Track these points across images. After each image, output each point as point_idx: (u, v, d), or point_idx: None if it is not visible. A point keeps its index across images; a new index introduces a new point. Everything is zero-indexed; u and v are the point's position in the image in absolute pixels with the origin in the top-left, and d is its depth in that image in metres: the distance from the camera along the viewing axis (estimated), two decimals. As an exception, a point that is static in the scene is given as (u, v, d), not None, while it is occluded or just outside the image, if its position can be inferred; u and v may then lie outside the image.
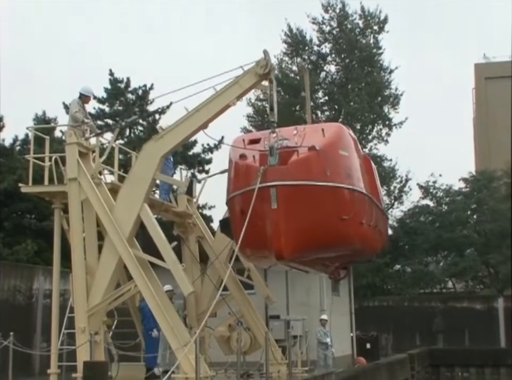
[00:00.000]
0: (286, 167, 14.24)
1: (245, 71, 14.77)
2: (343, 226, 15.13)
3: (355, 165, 16.45)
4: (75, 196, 15.56)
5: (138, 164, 15.29)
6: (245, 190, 14.51)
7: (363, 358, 29.50)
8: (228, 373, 17.78)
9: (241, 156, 15.14)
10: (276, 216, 13.90)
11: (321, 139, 15.29)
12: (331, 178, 14.68)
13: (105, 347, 16.45)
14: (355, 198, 15.77)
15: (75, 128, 16.01)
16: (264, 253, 15.32)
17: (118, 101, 45.64)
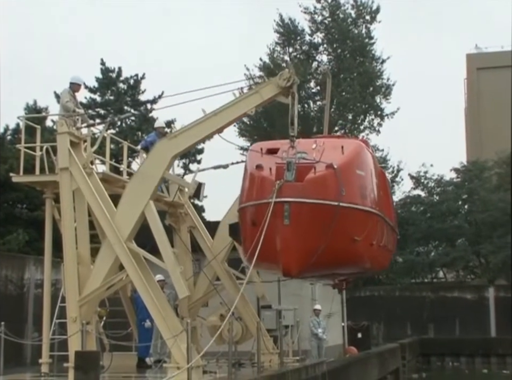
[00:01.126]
0: (301, 184, 14.13)
1: (267, 81, 14.71)
2: (353, 247, 15.12)
3: (371, 184, 16.39)
4: (67, 185, 15.51)
5: (149, 161, 15.17)
6: (258, 203, 14.40)
7: (354, 348, 29.59)
8: (220, 363, 17.82)
9: (258, 167, 15.06)
10: (288, 233, 13.82)
11: (339, 157, 15.15)
12: (345, 198, 14.56)
13: (97, 337, 16.45)
14: (367, 219, 15.74)
15: (66, 117, 15.95)
16: (272, 267, 15.33)
17: (110, 91, 45.56)
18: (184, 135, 14.91)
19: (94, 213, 15.51)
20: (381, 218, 16.93)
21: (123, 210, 15.04)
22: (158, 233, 14.93)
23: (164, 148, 14.92)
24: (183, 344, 13.56)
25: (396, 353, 38.00)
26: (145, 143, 19.91)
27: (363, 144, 17.45)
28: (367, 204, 15.77)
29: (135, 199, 14.92)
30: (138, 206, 14.88)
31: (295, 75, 14.47)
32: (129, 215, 14.92)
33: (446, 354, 47.62)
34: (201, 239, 19.51)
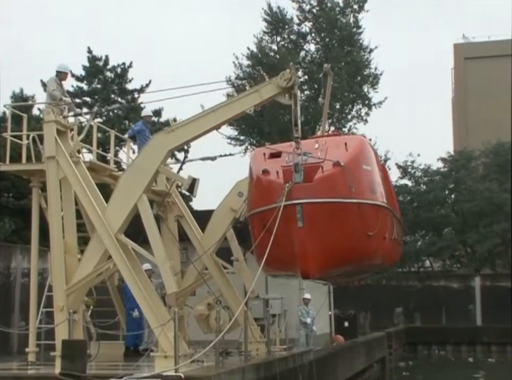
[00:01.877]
0: (311, 185, 14.09)
1: (268, 81, 14.61)
2: (368, 242, 15.14)
3: (377, 178, 16.42)
4: (53, 174, 15.46)
5: (144, 154, 15.07)
6: (269, 207, 14.29)
7: (341, 336, 29.68)
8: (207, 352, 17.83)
9: (264, 172, 15.01)
10: (302, 235, 13.78)
11: (344, 154, 15.13)
12: (355, 194, 14.59)
13: (84, 326, 16.43)
14: (379, 214, 15.79)
15: (53, 106, 15.88)
16: (289, 271, 15.36)
17: (97, 79, 45.32)
18: (181, 129, 14.82)
19: (81, 202, 15.46)
20: (390, 211, 17.02)
21: (116, 202, 14.95)
22: (150, 227, 14.87)
23: (161, 142, 14.81)
24: (170, 332, 13.56)
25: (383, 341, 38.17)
26: (132, 131, 19.85)
27: (365, 139, 17.48)
28: (377, 198, 15.81)
29: (128, 191, 14.83)
30: (131, 198, 14.79)
31: (296, 76, 14.37)
32: (122, 207, 14.83)
33: (433, 342, 47.92)
34: (188, 228, 19.50)
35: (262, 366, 16.08)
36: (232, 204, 19.38)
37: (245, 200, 19.21)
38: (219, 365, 14.52)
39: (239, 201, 19.30)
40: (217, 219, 19.47)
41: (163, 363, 13.54)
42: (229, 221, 19.56)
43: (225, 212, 19.45)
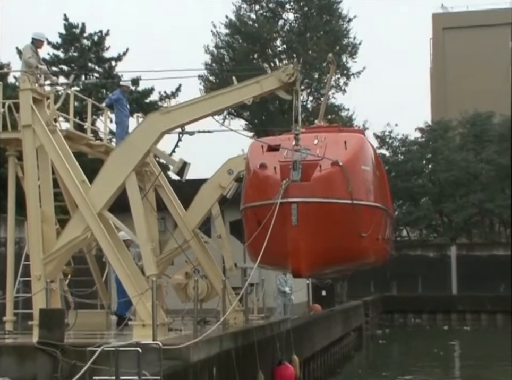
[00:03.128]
0: (308, 184, 14.04)
1: (270, 73, 14.45)
2: (361, 243, 15.19)
3: (375, 178, 16.38)
4: (30, 143, 15.30)
5: (137, 132, 14.87)
6: (265, 203, 14.25)
7: (318, 305, 29.91)
8: (185, 320, 17.90)
9: (262, 166, 14.96)
10: (296, 234, 13.79)
11: (343, 153, 15.05)
12: (352, 195, 14.54)
13: (62, 295, 16.40)
14: (373, 215, 15.79)
15: (28, 74, 15.68)
16: (280, 267, 15.49)
17: (73, 47, 44.76)
18: (178, 112, 14.60)
19: (58, 171, 15.34)
20: (384, 212, 17.08)
21: (104, 177, 14.77)
22: (135, 206, 14.74)
23: (156, 122, 14.60)
24: (148, 302, 13.57)
25: (359, 310, 38.56)
26: (109, 100, 19.68)
27: (363, 136, 17.38)
28: (372, 199, 15.80)
29: (118, 168, 14.60)
30: (120, 175, 14.59)
31: (298, 72, 14.22)
32: (110, 183, 14.60)
33: (409, 311, 48.49)
34: (166, 197, 19.42)
35: (240, 335, 16.18)
36: (221, 180, 19.39)
37: (234, 178, 19.33)
38: (197, 334, 14.58)
39: (228, 178, 19.36)
40: (204, 194, 19.46)
41: (141, 332, 13.55)
42: (216, 197, 19.59)
43: (214, 188, 19.45)
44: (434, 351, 32.76)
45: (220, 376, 13.94)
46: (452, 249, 51.94)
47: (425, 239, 59.79)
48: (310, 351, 23.85)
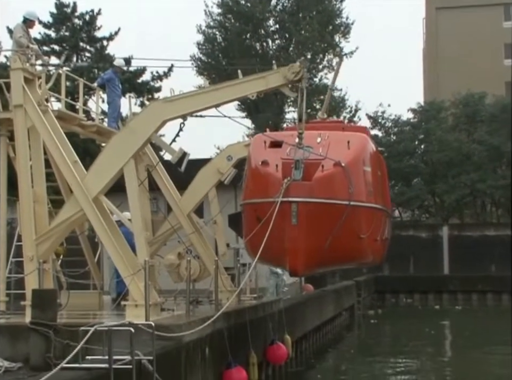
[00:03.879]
0: (309, 184, 14.03)
1: (276, 69, 14.37)
2: (359, 244, 15.29)
3: (376, 178, 16.41)
4: (21, 123, 15.24)
5: (139, 119, 14.78)
6: (265, 201, 14.26)
7: (310, 285, 30.00)
8: (177, 300, 17.95)
9: (263, 163, 14.96)
10: (295, 233, 13.82)
11: (346, 153, 15.04)
12: (353, 196, 14.54)
13: (54, 275, 16.41)
14: (373, 216, 15.87)
15: (20, 53, 15.58)
16: (276, 264, 15.72)
17: (65, 26, 44.52)
18: (181, 101, 14.51)
19: (50, 151, 15.29)
20: (384, 212, 17.17)
21: (103, 162, 14.65)
22: (132, 194, 14.67)
23: (158, 110, 14.51)
24: (141, 282, 13.60)
25: (351, 290, 38.71)
26: (101, 80, 19.61)
27: (366, 135, 17.29)
28: (373, 200, 15.84)
29: (117, 153, 14.50)
30: (118, 161, 14.50)
31: (305, 70, 14.16)
32: (108, 168, 14.51)
33: (401, 291, 48.69)
34: (158, 177, 19.41)
35: (232, 315, 16.24)
36: (220, 166, 19.49)
37: (232, 165, 19.38)
38: (190, 314, 14.62)
39: (227, 164, 19.47)
40: (202, 178, 19.53)
41: (134, 312, 13.59)
42: (214, 182, 19.68)
43: (212, 173, 19.54)
44: (426, 330, 32.95)
45: (213, 355, 14.00)
46: (444, 229, 52.08)
47: (417, 219, 59.91)
48: (303, 331, 23.97)
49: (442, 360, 25.78)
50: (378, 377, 22.34)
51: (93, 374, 9.26)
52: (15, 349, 12.23)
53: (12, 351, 12.19)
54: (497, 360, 24.46)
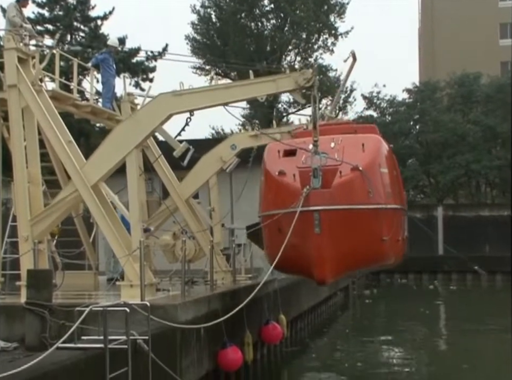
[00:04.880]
0: (329, 191, 13.93)
1: (287, 74, 14.30)
2: (383, 246, 15.26)
3: (392, 178, 16.37)
4: (15, 103, 15.16)
5: (146, 110, 14.74)
6: (286, 211, 14.14)
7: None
8: (173, 281, 17.98)
9: (280, 173, 14.89)
10: (319, 242, 13.74)
11: (361, 156, 14.96)
12: (373, 200, 14.54)
13: (49, 256, 16.41)
14: (394, 217, 15.87)
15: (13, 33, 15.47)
16: (301, 274, 15.60)
17: (58, 6, 44.21)
18: (189, 96, 14.43)
19: (44, 131, 15.25)
20: (403, 212, 17.23)
21: (105, 150, 14.56)
22: (132, 184, 14.61)
23: (166, 103, 14.41)
24: (136, 262, 13.61)
25: (346, 270, 38.72)
26: (96, 60, 19.51)
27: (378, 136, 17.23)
28: (392, 201, 15.83)
29: (121, 143, 14.44)
30: (121, 150, 14.44)
31: (316, 78, 14.08)
32: (110, 156, 14.45)
33: (395, 271, 48.78)
34: (153, 158, 19.40)
35: (227, 295, 16.27)
36: (223, 154, 19.57)
37: (236, 154, 19.40)
38: (185, 294, 14.65)
39: (230, 153, 19.57)
40: (204, 165, 19.55)
41: (129, 292, 13.62)
42: (215, 169, 19.76)
43: (214, 160, 19.60)
44: (420, 310, 33.10)
45: (208, 335, 14.04)
46: (438, 209, 52.18)
47: (412, 199, 59.99)
48: (297, 311, 24.05)
49: (436, 339, 25.91)
50: (373, 356, 22.45)
51: (89, 354, 9.28)
52: (10, 329, 12.24)
53: (7, 331, 12.20)
54: (491, 339, 24.62)
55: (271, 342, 19.20)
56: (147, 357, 10.58)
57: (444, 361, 21.00)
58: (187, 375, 12.76)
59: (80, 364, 9.00)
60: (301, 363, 21.27)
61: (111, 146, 14.59)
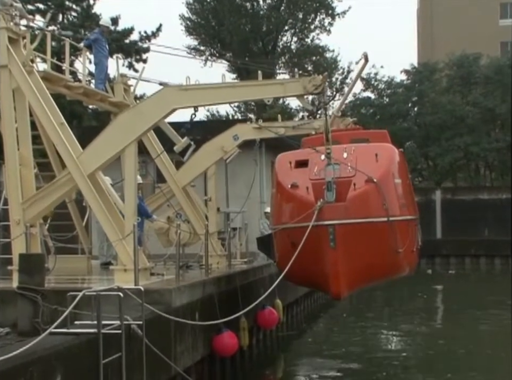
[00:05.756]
0: (344, 205, 13.82)
1: (296, 78, 14.24)
2: (398, 259, 15.23)
3: (406, 188, 16.32)
4: (6, 84, 15.08)
5: (151, 102, 14.57)
6: (300, 225, 14.03)
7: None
8: (167, 265, 18.00)
9: (293, 186, 14.78)
10: (334, 256, 13.67)
11: (375, 167, 14.82)
12: (388, 212, 14.42)
13: (42, 240, 16.39)
14: (408, 228, 15.80)
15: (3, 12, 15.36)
16: (315, 288, 15.91)
17: (50, -16, 43.89)
18: (195, 92, 14.32)
19: (35, 113, 15.19)
20: (416, 221, 17.13)
21: (105, 140, 14.45)
22: (130, 177, 14.49)
23: (171, 97, 14.29)
24: (130, 246, 13.60)
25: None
26: (88, 41, 19.39)
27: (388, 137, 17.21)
28: (407, 212, 15.78)
29: (121, 133, 14.33)
30: (121, 141, 14.35)
31: (326, 85, 14.03)
32: (109, 147, 14.37)
33: (393, 255, 48.96)
34: (147, 140, 19.35)
35: (223, 280, 16.30)
36: (224, 143, 19.56)
37: (238, 144, 19.39)
38: (179, 278, 14.66)
39: (232, 144, 19.57)
40: (204, 153, 19.54)
41: (123, 277, 13.63)
42: (216, 158, 19.78)
43: (215, 149, 19.60)
44: (418, 294, 33.21)
45: (203, 320, 14.06)
46: (437, 193, 52.23)
47: (410, 183, 60.05)
48: (294, 296, 24.10)
49: (434, 324, 26.03)
50: (369, 340, 22.56)
51: (82, 339, 9.29)
52: (2, 314, 12.24)
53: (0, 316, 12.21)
54: (489, 324, 24.71)
55: (267, 327, 19.25)
56: (141, 342, 10.59)
57: (441, 346, 21.09)
58: (181, 360, 12.79)
59: (73, 350, 9.01)
60: (298, 348, 21.36)
61: (111, 136, 14.50)
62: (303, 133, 19.57)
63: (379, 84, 59.53)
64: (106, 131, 14.66)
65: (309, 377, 17.57)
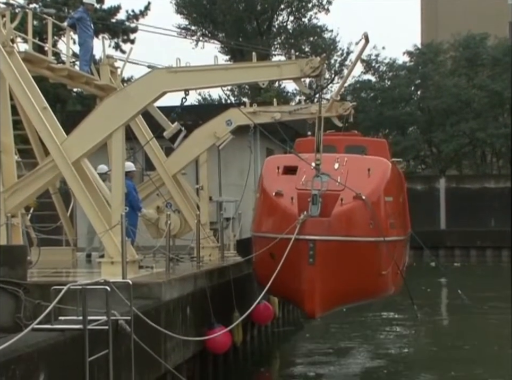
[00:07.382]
0: (327, 220, 13.77)
1: (293, 60, 14.23)
2: (380, 281, 15.24)
3: (397, 206, 16.27)
4: (-16, 66, 15.06)
5: (138, 85, 14.52)
6: (279, 237, 14.00)
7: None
8: (157, 257, 18.01)
9: (277, 194, 14.72)
10: (312, 274, 13.66)
11: (366, 183, 14.76)
12: (374, 232, 14.36)
13: (24, 231, 16.38)
14: (395, 249, 15.66)
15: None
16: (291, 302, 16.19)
17: (31, -40, 43.69)
18: (185, 74, 14.29)
19: (17, 96, 15.14)
20: (406, 240, 17.18)
21: (91, 124, 14.38)
22: (117, 164, 14.47)
23: (160, 80, 14.25)
24: (117, 237, 13.60)
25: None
26: (72, 20, 19.35)
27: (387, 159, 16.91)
28: (395, 233, 15.67)
29: (109, 117, 14.25)
30: (109, 125, 14.25)
31: (324, 67, 14.00)
32: (95, 132, 14.30)
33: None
34: (135, 126, 19.33)
35: (215, 272, 16.31)
36: (217, 129, 19.48)
37: (231, 130, 19.36)
38: (170, 271, 14.68)
39: (225, 129, 19.47)
40: (196, 139, 19.49)
41: (110, 270, 13.63)
42: (208, 145, 19.73)
43: (207, 135, 19.53)
44: (422, 288, 33.27)
45: (194, 315, 14.09)
46: (441, 181, 52.31)
47: (413, 170, 60.11)
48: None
49: (437, 319, 26.11)
50: (370, 335, 22.63)
51: (67, 335, 9.28)
52: (-18, 309, 12.26)
53: (-20, 312, 12.22)
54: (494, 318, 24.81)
55: (262, 323, 19.29)
56: (129, 339, 10.60)
57: (444, 340, 21.18)
58: (172, 357, 12.82)
59: (57, 347, 9.00)
60: (294, 344, 21.42)
61: (97, 121, 14.42)
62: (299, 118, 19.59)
63: (380, 66, 59.51)
64: (92, 116, 14.59)
65: (306, 375, 17.62)
